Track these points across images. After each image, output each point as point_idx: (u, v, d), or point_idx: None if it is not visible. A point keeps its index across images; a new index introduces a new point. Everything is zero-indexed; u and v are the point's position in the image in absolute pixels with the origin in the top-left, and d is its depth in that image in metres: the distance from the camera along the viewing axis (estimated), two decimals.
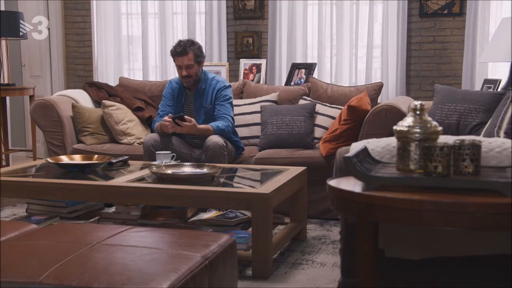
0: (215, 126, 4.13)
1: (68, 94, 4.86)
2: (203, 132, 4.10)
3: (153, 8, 5.76)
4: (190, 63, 4.20)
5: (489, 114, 3.57)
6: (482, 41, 4.94)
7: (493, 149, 2.03)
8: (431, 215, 1.72)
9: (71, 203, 3.87)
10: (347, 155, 1.89)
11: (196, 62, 4.22)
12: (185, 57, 4.19)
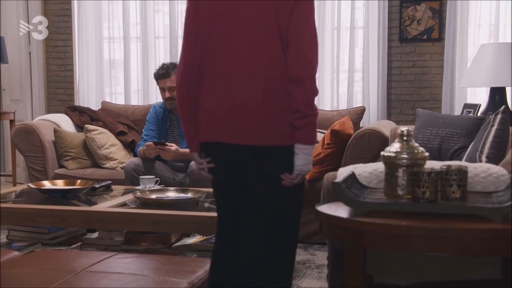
0: None
1: (50, 119, 4.84)
2: (187, 156, 4.10)
3: (135, 32, 5.78)
4: (173, 85, 4.22)
5: (470, 139, 3.62)
6: (461, 66, 5.02)
7: (478, 174, 2.06)
8: (420, 241, 1.74)
9: (53, 229, 3.83)
10: (336, 181, 1.91)
11: None
12: (168, 79, 4.23)
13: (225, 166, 2.25)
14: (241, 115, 2.15)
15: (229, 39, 2.16)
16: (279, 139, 2.15)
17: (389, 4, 5.19)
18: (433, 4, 5.13)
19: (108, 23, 5.85)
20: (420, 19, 5.15)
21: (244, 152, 2.18)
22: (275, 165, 2.17)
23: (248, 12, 2.14)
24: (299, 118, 2.11)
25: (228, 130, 2.18)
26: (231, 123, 2.17)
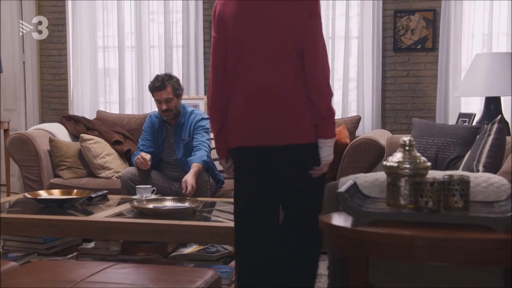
0: (201, 162, 4.09)
1: (45, 128, 4.82)
2: (198, 175, 4.04)
3: (130, 42, 5.78)
4: (169, 96, 4.21)
5: (466, 148, 3.64)
6: (454, 76, 5.06)
7: (479, 184, 2.07)
8: (424, 251, 1.75)
9: (49, 239, 3.81)
10: (339, 191, 1.91)
11: (175, 96, 4.24)
12: (164, 91, 4.20)
13: (257, 166, 2.60)
14: (272, 120, 2.52)
15: (256, 53, 2.53)
16: (310, 137, 2.56)
17: (384, 14, 5.23)
18: (426, 14, 5.17)
19: (102, 32, 5.85)
20: (414, 29, 5.19)
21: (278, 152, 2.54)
22: (307, 160, 2.57)
23: (271, 28, 2.50)
24: (320, 118, 2.55)
25: (262, 134, 2.55)
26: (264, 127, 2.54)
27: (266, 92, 2.52)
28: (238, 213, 2.73)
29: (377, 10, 5.18)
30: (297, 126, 2.54)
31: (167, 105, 4.21)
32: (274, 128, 2.53)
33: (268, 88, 2.53)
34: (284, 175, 2.59)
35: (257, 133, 2.56)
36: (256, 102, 2.54)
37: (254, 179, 2.63)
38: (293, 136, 2.54)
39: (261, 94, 2.53)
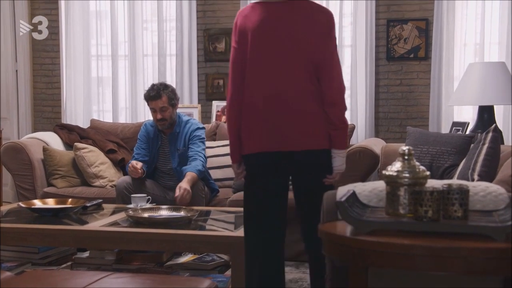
0: (196, 171, 4.09)
1: (39, 137, 4.81)
2: (193, 184, 4.04)
3: (124, 50, 5.78)
4: (164, 105, 4.21)
5: (461, 156, 3.67)
6: (447, 84, 5.09)
7: (477, 193, 2.08)
8: (424, 260, 1.75)
9: (43, 248, 3.80)
10: (340, 200, 1.92)
11: (170, 105, 4.24)
12: (159, 101, 4.20)
13: (274, 171, 2.78)
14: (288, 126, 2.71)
15: (273, 64, 2.71)
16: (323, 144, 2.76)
17: (377, 23, 5.26)
18: (419, 23, 5.21)
19: (96, 41, 5.84)
20: (407, 38, 5.22)
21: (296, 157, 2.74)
22: (320, 165, 2.79)
23: (289, 42, 2.70)
24: (335, 129, 2.76)
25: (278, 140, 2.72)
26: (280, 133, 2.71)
27: (282, 100, 2.70)
28: (249, 217, 2.89)
29: (370, 19, 5.21)
30: (312, 132, 2.73)
31: (162, 115, 4.21)
32: (290, 134, 2.71)
33: (283, 96, 2.70)
34: (298, 180, 2.82)
35: (274, 139, 2.72)
36: (272, 110, 2.71)
37: (269, 184, 2.80)
38: (308, 142, 2.73)
39: (277, 101, 2.70)
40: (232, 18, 5.44)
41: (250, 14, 2.76)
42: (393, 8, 5.28)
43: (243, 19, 2.78)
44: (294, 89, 2.71)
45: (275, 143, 2.73)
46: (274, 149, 2.74)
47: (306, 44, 2.70)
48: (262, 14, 2.73)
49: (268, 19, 2.72)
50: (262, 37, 2.72)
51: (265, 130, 2.73)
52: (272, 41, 2.71)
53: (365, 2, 5.20)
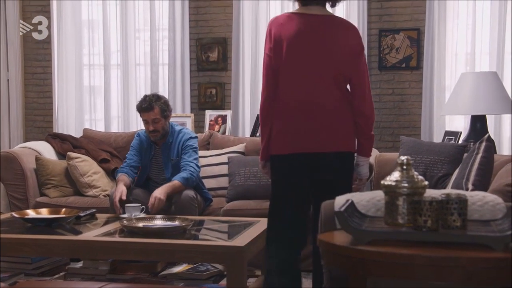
0: (180, 179, 4.09)
1: (31, 146, 4.79)
2: (172, 191, 4.05)
3: (116, 60, 5.77)
4: (156, 117, 4.20)
5: (454, 166, 3.69)
6: (439, 94, 5.12)
7: (475, 202, 2.10)
8: (424, 270, 1.76)
9: (36, 258, 3.77)
10: (339, 210, 1.93)
11: (163, 117, 4.23)
12: (151, 112, 4.19)
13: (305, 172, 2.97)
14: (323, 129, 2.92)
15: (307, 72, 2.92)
16: (350, 146, 3.01)
17: (369, 33, 5.29)
18: (411, 33, 5.25)
19: (88, 50, 5.84)
20: (398, 47, 5.26)
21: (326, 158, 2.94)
22: (345, 167, 3.02)
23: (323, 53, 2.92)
24: (365, 138, 3.03)
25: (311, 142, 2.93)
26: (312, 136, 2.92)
27: (314, 104, 2.92)
28: (275, 214, 3.04)
29: (362, 29, 5.24)
30: (341, 135, 2.96)
31: (154, 126, 4.20)
32: (321, 136, 2.92)
33: (315, 101, 2.92)
34: (322, 181, 2.99)
35: (305, 140, 2.93)
36: (305, 113, 2.92)
37: (300, 184, 2.98)
38: (337, 144, 2.95)
39: (309, 106, 2.92)
40: (225, 28, 5.54)
41: (286, 23, 2.94)
42: (385, 18, 5.31)
43: (278, 28, 2.95)
44: (325, 95, 2.93)
45: (306, 144, 2.92)
46: (305, 150, 2.93)
47: (340, 58, 2.94)
48: (299, 25, 2.93)
49: (305, 30, 2.92)
50: (298, 47, 2.92)
51: (297, 132, 2.92)
52: (308, 51, 2.92)
53: (357, 12, 5.23)
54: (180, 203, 4.01)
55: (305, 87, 2.93)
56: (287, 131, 2.95)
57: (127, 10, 5.67)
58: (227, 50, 5.58)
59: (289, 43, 2.91)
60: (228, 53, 5.58)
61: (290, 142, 2.94)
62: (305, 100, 2.93)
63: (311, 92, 2.93)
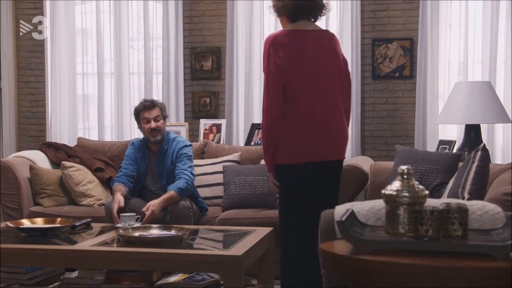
0: (177, 189, 4.08)
1: (25, 155, 4.77)
2: (168, 203, 4.04)
3: (110, 68, 5.77)
4: (158, 114, 4.28)
5: (449, 175, 3.71)
6: (432, 103, 5.15)
7: (474, 212, 2.11)
8: (427, 279, 1.77)
9: (31, 268, 3.74)
10: (341, 220, 1.93)
11: (163, 116, 4.30)
12: (153, 110, 4.29)
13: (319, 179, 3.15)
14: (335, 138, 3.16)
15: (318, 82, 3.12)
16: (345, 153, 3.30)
17: (362, 42, 5.32)
18: (404, 42, 5.28)
19: (81, 59, 5.83)
20: (392, 57, 5.29)
21: (334, 165, 3.20)
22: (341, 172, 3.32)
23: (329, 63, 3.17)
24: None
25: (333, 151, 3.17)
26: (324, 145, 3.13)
27: (327, 115, 3.13)
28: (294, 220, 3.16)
29: (356, 38, 5.27)
30: (344, 143, 3.24)
31: (156, 124, 4.24)
32: (332, 145, 3.14)
33: (328, 112, 3.13)
34: (331, 186, 3.22)
35: (323, 149, 3.12)
36: (319, 125, 3.11)
37: (314, 191, 3.14)
38: (343, 151, 3.23)
39: (323, 116, 3.11)
40: (219, 37, 5.55)
41: (290, 41, 3.09)
42: (378, 27, 5.34)
43: (282, 46, 3.08)
44: (334, 107, 3.16)
45: (323, 153, 3.12)
46: (322, 158, 3.13)
47: (340, 68, 3.21)
48: (304, 42, 3.12)
49: (311, 47, 3.12)
50: (308, 63, 3.10)
51: (314, 141, 3.11)
52: (318, 66, 3.13)
53: (350, 21, 5.26)
54: (175, 212, 4.00)
55: (318, 100, 3.11)
56: (305, 141, 3.10)
57: (121, 19, 5.67)
58: (221, 59, 5.60)
59: (298, 60, 3.08)
60: (222, 62, 5.59)
61: (309, 151, 3.10)
62: (318, 112, 3.10)
63: (323, 105, 3.12)
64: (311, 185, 3.15)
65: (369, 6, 5.33)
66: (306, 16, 3.19)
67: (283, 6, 3.16)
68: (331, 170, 3.20)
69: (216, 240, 3.67)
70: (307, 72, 3.11)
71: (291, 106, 3.10)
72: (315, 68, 3.13)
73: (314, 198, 3.14)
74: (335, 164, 3.21)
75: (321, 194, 3.17)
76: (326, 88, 3.15)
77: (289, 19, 3.17)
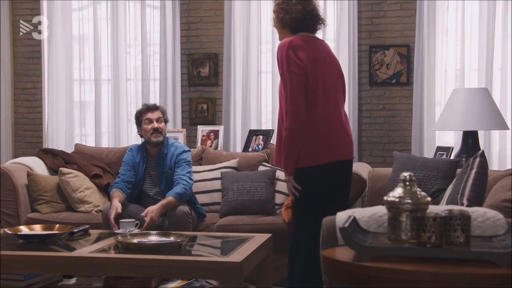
0: (175, 194, 4.08)
1: (23, 162, 4.76)
2: (167, 209, 4.04)
3: (107, 74, 5.77)
4: (160, 116, 4.33)
5: (447, 181, 3.72)
6: (429, 109, 5.17)
7: (476, 218, 2.12)
8: (430, 286, 1.77)
9: (29, 275, 3.72)
10: (343, 226, 1.94)
11: (164, 120, 4.36)
12: (156, 112, 4.34)
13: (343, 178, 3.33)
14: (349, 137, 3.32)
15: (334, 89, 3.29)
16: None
17: (359, 49, 5.34)
18: (401, 49, 5.30)
19: (79, 65, 5.82)
20: (389, 63, 5.31)
21: (349, 164, 3.36)
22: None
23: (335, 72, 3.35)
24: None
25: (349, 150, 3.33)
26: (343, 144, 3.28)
27: (342, 116, 3.29)
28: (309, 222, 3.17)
29: (353, 45, 5.29)
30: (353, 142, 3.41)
31: (158, 125, 4.27)
32: (347, 144, 3.30)
33: (339, 117, 3.27)
34: (345, 186, 3.37)
35: (338, 148, 3.25)
36: (336, 125, 3.25)
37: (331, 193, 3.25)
38: (353, 150, 3.38)
39: (339, 117, 3.26)
40: (216, 43, 5.56)
41: (307, 46, 3.21)
42: (375, 34, 5.37)
43: (301, 50, 3.17)
44: (340, 107, 3.32)
45: (344, 151, 3.27)
46: (345, 157, 3.28)
47: (341, 73, 3.41)
48: (318, 48, 3.28)
49: (323, 52, 3.29)
50: (324, 67, 3.24)
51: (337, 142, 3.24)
52: (331, 71, 3.29)
53: (347, 28, 5.28)
54: (174, 219, 4.00)
55: (329, 102, 3.25)
56: (325, 142, 3.21)
57: (118, 25, 5.67)
58: (218, 66, 5.61)
59: (316, 64, 3.19)
60: (219, 69, 5.60)
61: (329, 152, 3.21)
62: (333, 113, 3.25)
63: (336, 107, 3.28)
64: (331, 186, 3.24)
65: (366, 13, 5.35)
66: (308, 28, 3.30)
67: (291, 20, 3.25)
68: (348, 169, 3.34)
69: (214, 247, 3.67)
70: (321, 74, 3.22)
71: (308, 108, 3.18)
72: (327, 71, 3.26)
73: (331, 201, 3.21)
74: (350, 163, 3.35)
75: (337, 196, 3.28)
76: (335, 91, 3.29)
77: (293, 31, 3.27)
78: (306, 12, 3.25)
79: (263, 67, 5.52)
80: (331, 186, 3.25)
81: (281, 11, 3.28)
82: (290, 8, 3.25)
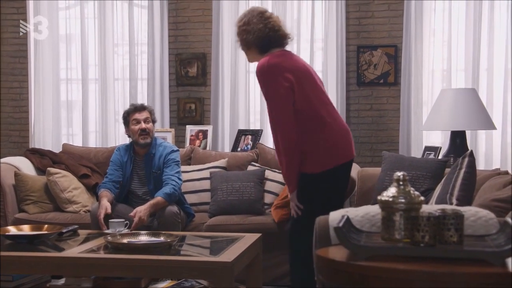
0: (163, 195, 4.07)
1: (10, 162, 4.72)
2: (155, 209, 4.03)
3: (94, 74, 5.74)
4: (148, 116, 4.30)
5: (435, 181, 3.75)
6: (416, 109, 5.20)
7: (468, 218, 2.13)
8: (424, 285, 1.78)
9: (17, 276, 3.69)
10: (338, 226, 1.95)
11: (152, 120, 4.33)
12: (144, 112, 4.31)
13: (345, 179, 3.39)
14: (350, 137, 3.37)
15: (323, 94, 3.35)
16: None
17: (347, 49, 5.36)
18: (388, 50, 5.33)
19: (65, 64, 5.79)
20: (376, 64, 5.33)
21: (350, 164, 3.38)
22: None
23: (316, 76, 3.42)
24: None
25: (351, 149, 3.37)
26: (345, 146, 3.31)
27: (336, 116, 3.35)
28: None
29: (341, 45, 5.31)
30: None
31: (146, 125, 4.25)
32: (350, 144, 3.35)
33: (336, 113, 3.37)
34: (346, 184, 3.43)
35: (344, 150, 3.30)
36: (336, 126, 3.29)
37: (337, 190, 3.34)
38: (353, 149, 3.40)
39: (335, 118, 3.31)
40: (204, 43, 5.56)
41: (281, 60, 3.24)
42: (363, 34, 5.39)
43: (277, 68, 3.20)
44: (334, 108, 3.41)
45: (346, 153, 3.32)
46: (348, 158, 3.33)
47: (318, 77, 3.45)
48: (297, 60, 3.36)
49: (303, 65, 3.35)
50: (310, 78, 3.29)
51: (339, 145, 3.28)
52: (316, 81, 3.34)
53: (335, 28, 5.30)
54: (163, 219, 3.99)
55: (325, 105, 3.31)
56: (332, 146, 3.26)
57: (106, 24, 5.64)
58: (206, 65, 5.60)
59: (297, 73, 3.23)
60: (207, 68, 5.60)
61: (336, 155, 3.27)
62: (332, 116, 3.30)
63: (332, 107, 3.37)
64: (335, 187, 3.32)
65: (354, 13, 5.37)
66: (275, 45, 3.33)
67: (254, 39, 3.29)
68: (349, 168, 3.38)
69: (204, 247, 3.66)
70: (308, 81, 3.27)
71: (308, 117, 3.22)
72: (311, 76, 3.32)
73: (332, 201, 3.25)
74: (352, 162, 3.40)
75: (337, 196, 3.36)
76: (324, 94, 3.37)
77: (259, 50, 3.32)
78: (268, 30, 3.29)
79: (251, 67, 5.51)
80: (335, 187, 3.32)
81: (243, 33, 3.34)
82: (251, 29, 3.30)
